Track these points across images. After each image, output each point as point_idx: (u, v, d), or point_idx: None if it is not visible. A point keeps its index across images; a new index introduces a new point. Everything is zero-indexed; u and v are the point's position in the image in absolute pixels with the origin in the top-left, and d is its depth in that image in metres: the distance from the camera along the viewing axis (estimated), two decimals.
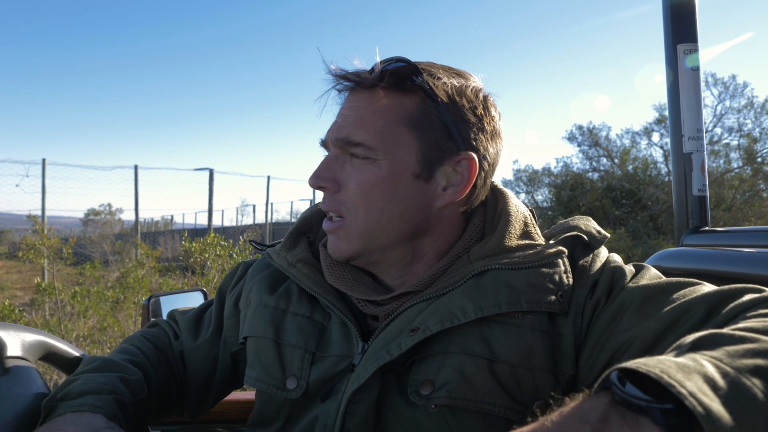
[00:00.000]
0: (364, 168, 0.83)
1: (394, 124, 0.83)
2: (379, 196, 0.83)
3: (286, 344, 0.88)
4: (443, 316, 0.77)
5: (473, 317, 0.77)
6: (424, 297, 0.82)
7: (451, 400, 0.75)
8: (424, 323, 0.77)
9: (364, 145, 0.82)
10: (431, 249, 0.88)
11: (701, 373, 0.45)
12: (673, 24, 1.65)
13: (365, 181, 0.83)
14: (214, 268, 5.75)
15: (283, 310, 0.91)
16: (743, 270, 1.20)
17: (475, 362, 0.76)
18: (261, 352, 0.90)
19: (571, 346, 0.78)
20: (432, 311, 0.79)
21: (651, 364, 0.46)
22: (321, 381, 0.84)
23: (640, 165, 15.21)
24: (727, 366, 0.47)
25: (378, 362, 0.77)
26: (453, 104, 0.84)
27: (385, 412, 0.79)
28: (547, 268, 0.81)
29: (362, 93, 0.85)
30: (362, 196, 0.83)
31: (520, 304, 0.77)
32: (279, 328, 0.89)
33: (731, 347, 0.50)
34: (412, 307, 0.82)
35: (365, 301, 0.87)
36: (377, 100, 0.84)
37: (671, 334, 0.70)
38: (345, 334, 0.85)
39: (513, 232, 0.86)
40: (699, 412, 0.42)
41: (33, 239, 6.31)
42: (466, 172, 0.85)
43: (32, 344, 0.93)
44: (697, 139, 1.63)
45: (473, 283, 0.81)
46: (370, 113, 0.83)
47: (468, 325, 0.77)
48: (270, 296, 0.93)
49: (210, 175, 13.16)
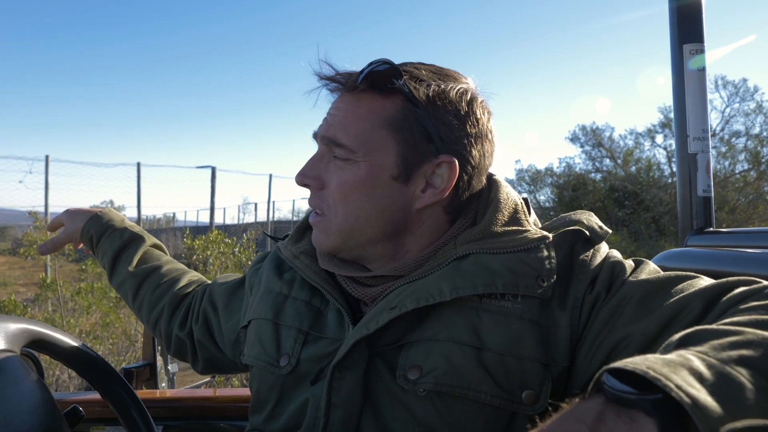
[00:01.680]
0: (345, 169, 0.86)
1: (375, 127, 0.85)
2: (357, 197, 0.86)
3: (283, 324, 0.93)
4: (419, 295, 0.80)
5: (449, 297, 0.79)
6: (408, 280, 0.85)
7: (437, 386, 0.77)
8: (402, 302, 0.81)
9: (346, 147, 0.85)
10: (415, 245, 0.90)
11: (687, 367, 0.46)
12: (679, 24, 1.65)
13: (345, 181, 0.86)
14: (216, 265, 5.76)
15: (285, 296, 0.96)
16: (748, 271, 1.20)
17: (463, 350, 0.78)
18: (260, 332, 0.95)
19: (567, 339, 0.78)
20: (411, 291, 0.82)
21: (637, 362, 0.47)
22: (310, 360, 0.87)
23: (643, 166, 15.18)
24: (713, 358, 0.48)
25: (356, 336, 0.81)
26: (433, 107, 0.84)
27: (377, 393, 0.81)
28: (529, 253, 0.82)
29: (347, 94, 0.88)
30: (342, 195, 0.87)
31: (496, 286, 0.79)
32: (279, 311, 0.95)
33: (716, 341, 0.52)
34: (396, 290, 0.85)
35: (351, 282, 0.91)
36: (360, 103, 0.86)
37: (670, 330, 0.70)
38: (339, 319, 0.89)
39: (500, 218, 0.87)
40: (686, 402, 0.42)
41: (34, 235, 6.32)
42: (446, 175, 0.86)
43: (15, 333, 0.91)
44: (702, 140, 1.62)
45: (454, 266, 0.83)
46: (353, 116, 0.86)
47: (457, 313, 0.80)
48: (276, 283, 0.99)
49: (212, 173, 13.19)
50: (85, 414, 1.02)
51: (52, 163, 11.35)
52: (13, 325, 0.92)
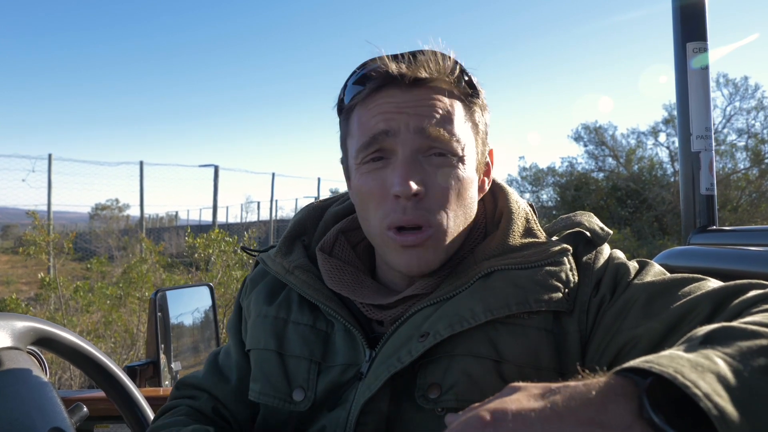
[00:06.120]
0: (455, 167, 0.80)
1: (462, 121, 0.82)
2: (468, 198, 0.82)
3: (290, 355, 0.85)
4: (452, 319, 0.76)
5: (483, 320, 0.75)
6: (432, 301, 0.80)
7: (458, 403, 0.74)
8: (434, 328, 0.76)
9: (456, 140, 0.80)
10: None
11: (714, 372, 0.45)
12: (682, 22, 1.64)
13: (459, 180, 0.80)
14: (218, 264, 5.76)
15: (284, 320, 0.88)
16: (751, 269, 1.20)
17: (482, 363, 0.75)
18: (264, 365, 0.87)
19: (577, 345, 0.77)
20: (440, 315, 0.77)
21: (664, 363, 0.45)
22: (328, 391, 0.82)
23: (645, 165, 15.14)
24: (740, 364, 0.47)
25: (389, 370, 0.75)
26: (482, 102, 0.87)
27: (394, 418, 0.77)
28: (553, 266, 0.80)
29: (428, 87, 0.80)
30: (456, 198, 0.80)
31: (529, 304, 0.76)
32: (281, 338, 0.86)
33: (743, 343, 0.50)
34: (420, 312, 0.80)
35: (370, 306, 0.85)
36: (443, 96, 0.81)
37: (677, 332, 0.69)
38: (350, 341, 0.83)
39: (516, 230, 0.85)
40: (714, 415, 0.42)
41: (33, 235, 6.33)
42: (490, 165, 0.91)
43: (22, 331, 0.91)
44: (705, 138, 1.62)
45: (480, 285, 0.79)
46: (446, 108, 0.80)
47: (474, 328, 0.76)
48: (269, 306, 0.90)
49: (215, 172, 13.19)
50: (89, 412, 1.02)
51: (54, 161, 11.35)
52: (20, 323, 0.92)
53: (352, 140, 0.85)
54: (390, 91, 0.80)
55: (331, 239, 0.93)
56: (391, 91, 0.80)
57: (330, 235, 0.93)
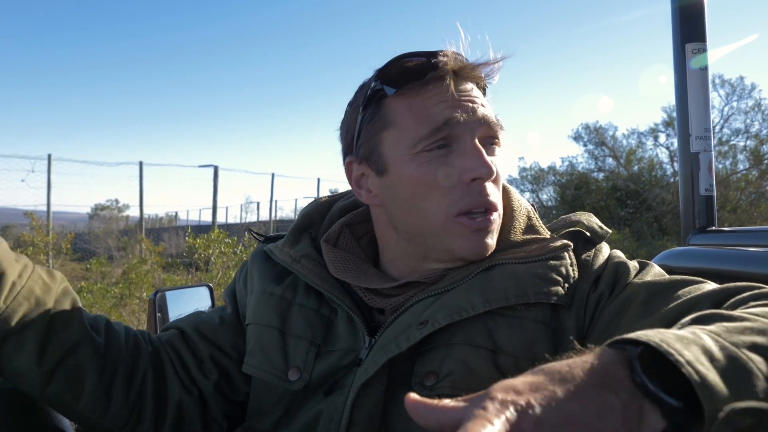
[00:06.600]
0: (500, 157, 0.86)
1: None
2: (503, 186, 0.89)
3: (291, 335, 0.87)
4: (451, 309, 0.77)
5: (481, 310, 0.77)
6: (432, 292, 0.82)
7: (453, 390, 0.75)
8: (433, 317, 0.77)
9: (502, 132, 0.86)
10: None
11: (699, 345, 0.47)
12: (681, 23, 1.64)
13: (503, 170, 0.86)
14: (218, 264, 5.77)
15: (289, 301, 0.90)
16: (750, 269, 1.20)
17: (479, 353, 0.77)
18: (264, 340, 0.89)
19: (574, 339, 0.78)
20: (440, 305, 0.79)
21: (651, 335, 0.48)
22: (325, 375, 0.84)
23: (645, 165, 15.15)
24: (725, 340, 0.49)
25: (387, 355, 0.77)
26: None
27: (390, 404, 0.79)
28: (554, 261, 0.82)
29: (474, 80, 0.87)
30: (501, 186, 0.88)
31: (528, 296, 0.78)
32: (285, 318, 0.89)
33: (730, 323, 0.53)
34: (420, 302, 0.82)
35: (371, 293, 0.87)
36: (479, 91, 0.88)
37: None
38: (351, 328, 0.85)
39: (518, 226, 0.88)
40: (695, 380, 0.43)
41: (30, 236, 6.33)
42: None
43: None
44: (704, 139, 1.62)
45: (481, 278, 0.81)
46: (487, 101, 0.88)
47: (473, 318, 0.78)
48: (276, 286, 0.92)
49: (215, 172, 13.19)
50: None
51: (54, 161, 11.34)
52: None
53: (395, 131, 0.83)
54: (448, 82, 0.82)
55: (336, 231, 0.95)
56: (448, 81, 0.82)
57: (335, 227, 0.96)
